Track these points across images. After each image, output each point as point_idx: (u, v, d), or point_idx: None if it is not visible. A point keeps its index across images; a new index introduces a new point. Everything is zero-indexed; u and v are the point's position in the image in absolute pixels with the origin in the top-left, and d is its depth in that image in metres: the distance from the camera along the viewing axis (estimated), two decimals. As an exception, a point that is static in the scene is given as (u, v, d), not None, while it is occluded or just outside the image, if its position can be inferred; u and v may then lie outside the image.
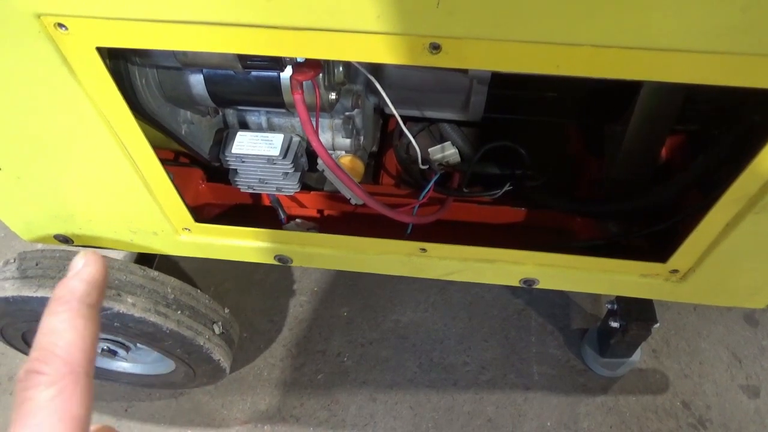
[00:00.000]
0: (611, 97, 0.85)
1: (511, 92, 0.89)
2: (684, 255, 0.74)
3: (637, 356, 1.12)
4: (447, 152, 0.97)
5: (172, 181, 0.74)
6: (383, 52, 0.51)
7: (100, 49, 0.55)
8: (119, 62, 0.64)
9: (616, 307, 1.01)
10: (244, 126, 0.88)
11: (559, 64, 0.50)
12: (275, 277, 1.30)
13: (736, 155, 0.60)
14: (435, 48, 0.50)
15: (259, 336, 1.22)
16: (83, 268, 0.28)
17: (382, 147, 1.03)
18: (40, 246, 0.90)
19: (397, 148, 0.98)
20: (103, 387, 1.15)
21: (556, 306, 1.23)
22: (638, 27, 0.46)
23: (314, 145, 0.72)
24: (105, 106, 0.61)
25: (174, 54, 0.65)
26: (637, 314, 0.98)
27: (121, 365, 1.07)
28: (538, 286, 0.85)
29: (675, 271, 0.78)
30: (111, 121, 0.63)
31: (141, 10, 0.49)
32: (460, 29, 0.48)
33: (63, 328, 0.25)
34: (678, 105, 0.78)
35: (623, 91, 0.81)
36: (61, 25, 0.52)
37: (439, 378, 1.15)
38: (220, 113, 0.87)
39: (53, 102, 0.62)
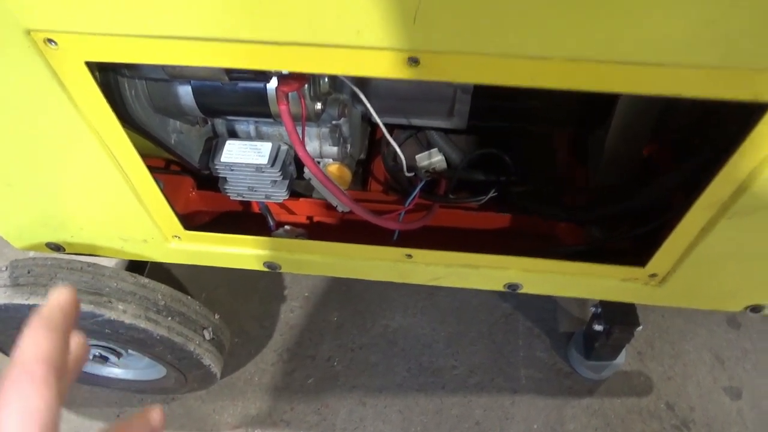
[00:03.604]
0: (593, 106, 0.87)
1: (494, 101, 0.91)
2: (662, 259, 0.76)
3: (621, 359, 1.14)
4: (434, 159, 0.98)
5: (162, 189, 0.75)
6: (364, 65, 0.53)
7: (89, 63, 0.56)
8: (108, 74, 0.66)
9: (600, 310, 1.03)
10: (233, 135, 0.90)
11: (533, 77, 0.52)
12: (267, 284, 1.32)
13: (712, 163, 0.62)
14: (413, 62, 0.52)
15: (251, 341, 1.23)
16: (52, 299, 0.33)
17: (370, 154, 1.05)
18: (31, 254, 0.91)
19: (384, 155, 0.99)
20: (95, 393, 1.16)
21: (543, 310, 1.25)
22: (609, 41, 0.48)
23: (300, 154, 0.73)
24: (94, 118, 0.63)
25: (162, 67, 0.67)
26: (620, 318, 1.00)
27: (113, 371, 1.08)
28: (522, 291, 0.87)
29: (654, 275, 0.80)
30: (100, 132, 0.65)
31: (129, 26, 0.51)
32: (436, 44, 0.50)
33: (25, 344, 0.30)
34: (655, 114, 0.80)
35: (604, 100, 0.84)
36: (50, 41, 0.54)
37: (427, 382, 1.17)
38: (209, 123, 0.89)
39: (43, 114, 0.63)
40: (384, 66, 0.52)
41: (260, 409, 1.15)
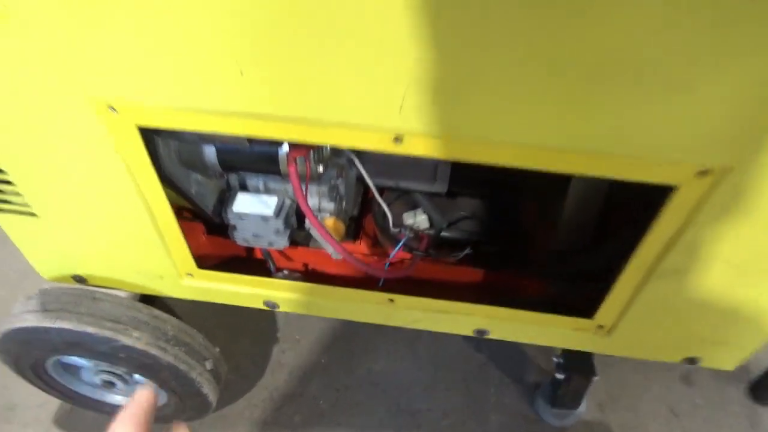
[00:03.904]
0: (553, 180, 1.01)
1: (471, 171, 1.06)
2: (606, 312, 0.89)
3: (583, 408, 1.24)
4: (418, 218, 1.12)
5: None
6: (359, 140, 0.67)
7: (140, 127, 0.71)
8: (149, 134, 0.80)
9: (561, 360, 1.14)
10: (244, 188, 1.03)
11: (493, 156, 0.66)
12: (262, 326, 1.42)
13: (641, 233, 0.76)
14: (398, 140, 0.66)
15: (244, 378, 1.33)
16: (136, 397, 0.42)
17: (363, 211, 1.19)
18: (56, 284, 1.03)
19: (374, 213, 1.13)
20: (97, 419, 1.24)
21: (513, 361, 1.36)
22: (554, 133, 0.62)
23: (303, 208, 0.87)
24: (137, 170, 0.76)
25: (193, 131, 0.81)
26: (579, 367, 1.11)
27: (117, 398, 1.18)
28: (489, 336, 0.99)
29: (601, 326, 0.92)
30: (139, 181, 0.78)
31: (176, 100, 0.65)
32: (415, 128, 0.64)
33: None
34: (604, 189, 0.95)
35: (562, 174, 0.98)
36: (112, 108, 0.68)
37: (404, 422, 1.27)
38: (225, 176, 1.03)
39: (93, 165, 0.77)
40: (375, 142, 0.67)
41: (249, 441, 1.24)
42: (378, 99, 0.61)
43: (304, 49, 0.57)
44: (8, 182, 0.82)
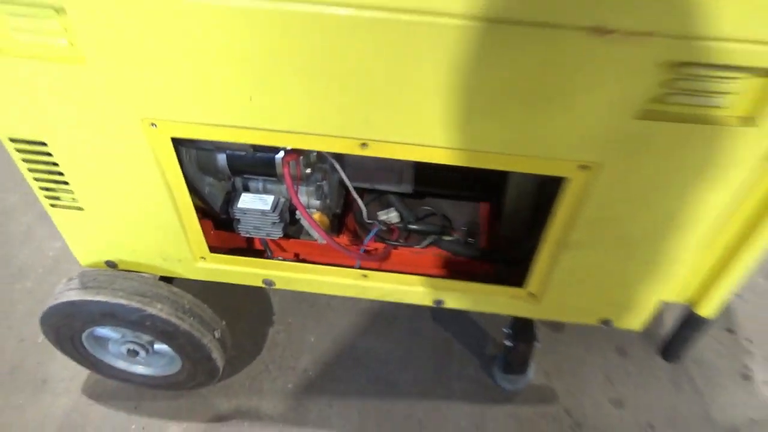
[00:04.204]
0: (493, 180, 1.26)
1: (432, 172, 1.30)
2: (534, 281, 1.13)
3: (531, 374, 1.48)
4: (390, 214, 1.37)
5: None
6: (335, 146, 0.91)
7: (173, 138, 0.94)
8: (177, 146, 1.04)
9: (509, 330, 1.38)
10: (246, 189, 1.27)
11: (433, 157, 0.91)
12: (259, 311, 1.65)
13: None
14: (364, 145, 0.90)
15: (244, 355, 1.55)
16: None
17: (345, 210, 1.43)
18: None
19: (354, 210, 1.38)
20: (118, 388, 1.46)
21: (474, 338, 1.60)
22: (476, 140, 0.87)
23: (295, 202, 1.11)
24: (168, 172, 1.00)
25: (212, 141, 1.05)
26: (522, 334, 1.35)
27: (138, 368, 1.40)
28: (444, 306, 1.23)
29: (531, 294, 1.16)
30: (169, 181, 1.02)
31: (202, 117, 0.89)
32: (376, 135, 0.88)
33: None
34: (534, 186, 1.19)
35: (503, 177, 1.23)
36: (153, 124, 0.92)
37: (382, 389, 1.49)
38: (231, 180, 1.26)
39: (134, 168, 1.00)
40: (347, 146, 0.91)
41: (249, 406, 1.46)
42: (349, 117, 0.86)
43: (293, 85, 0.82)
44: (65, 182, 1.06)
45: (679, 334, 1.27)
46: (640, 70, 0.74)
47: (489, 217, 1.41)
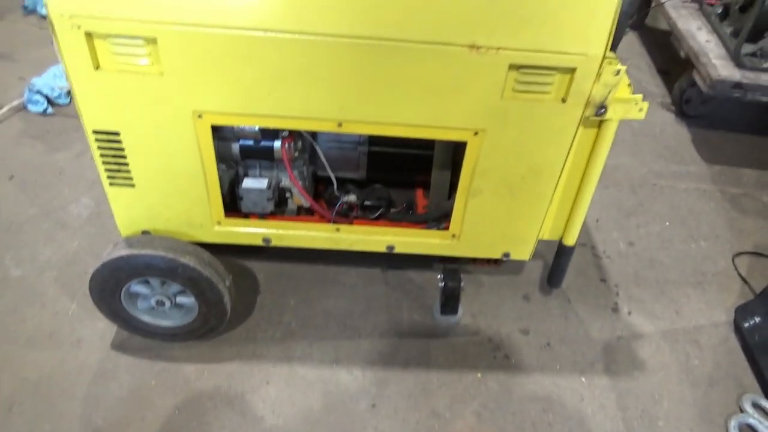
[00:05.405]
0: (424, 164, 1.80)
1: (382, 159, 1.83)
2: (454, 224, 1.65)
3: (461, 313, 1.98)
4: (350, 196, 1.87)
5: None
6: (321, 125, 1.42)
7: (213, 126, 1.42)
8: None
9: (441, 275, 1.88)
10: (247, 174, 1.75)
11: (381, 131, 1.43)
12: (250, 284, 2.09)
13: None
14: (340, 125, 1.41)
15: (240, 315, 1.98)
16: None
17: (316, 193, 1.93)
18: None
19: (321, 192, 1.88)
20: (141, 342, 1.86)
21: (419, 288, 2.10)
22: (401, 115, 1.40)
23: (289, 174, 1.60)
24: (205, 153, 1.47)
25: (232, 130, 1.55)
26: (450, 277, 1.86)
27: (161, 321, 1.80)
28: (395, 251, 1.72)
29: (454, 235, 1.68)
30: (204, 161, 1.49)
31: (236, 108, 1.39)
32: (349, 117, 1.40)
33: None
34: (450, 160, 1.73)
35: (429, 163, 1.77)
36: (199, 116, 1.40)
37: (350, 334, 1.95)
38: (236, 167, 1.74)
39: (180, 150, 1.47)
40: (328, 125, 1.42)
41: (247, 349, 1.88)
42: (329, 106, 1.37)
43: (294, 86, 1.33)
44: (126, 164, 1.51)
45: (556, 263, 1.81)
46: (499, 70, 1.30)
47: (422, 197, 1.95)
